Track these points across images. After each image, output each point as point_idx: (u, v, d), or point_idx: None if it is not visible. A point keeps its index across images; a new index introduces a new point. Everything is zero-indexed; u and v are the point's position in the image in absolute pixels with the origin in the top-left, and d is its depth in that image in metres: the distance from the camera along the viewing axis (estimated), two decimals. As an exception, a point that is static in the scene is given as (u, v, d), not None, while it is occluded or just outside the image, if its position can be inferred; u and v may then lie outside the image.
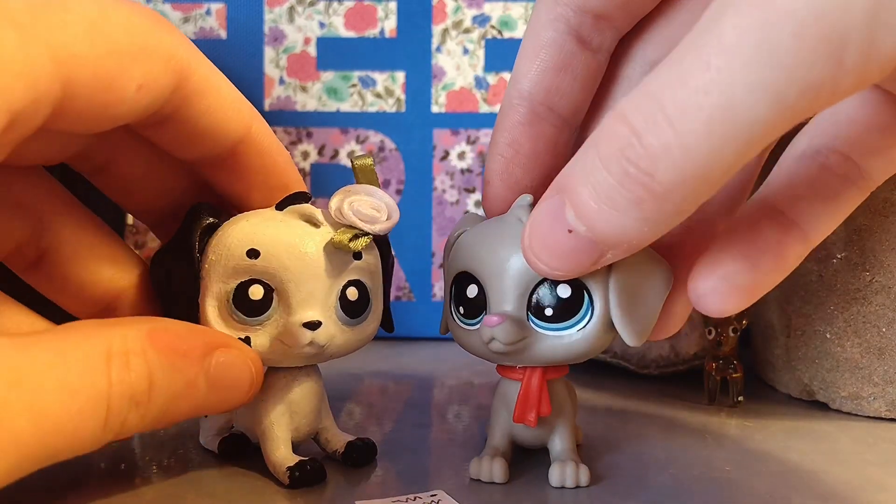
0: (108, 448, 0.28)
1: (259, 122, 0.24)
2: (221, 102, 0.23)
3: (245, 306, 0.23)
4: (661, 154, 0.16)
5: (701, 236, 0.24)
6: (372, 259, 0.25)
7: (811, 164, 0.22)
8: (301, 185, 0.26)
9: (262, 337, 0.23)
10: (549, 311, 0.23)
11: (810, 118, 0.22)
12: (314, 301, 0.23)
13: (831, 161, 0.21)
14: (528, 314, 0.23)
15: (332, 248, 0.23)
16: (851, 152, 0.21)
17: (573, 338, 0.23)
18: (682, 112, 0.16)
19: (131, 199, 0.26)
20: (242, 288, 0.23)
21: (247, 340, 0.23)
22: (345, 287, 0.24)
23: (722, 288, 0.21)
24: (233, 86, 0.23)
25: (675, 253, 0.23)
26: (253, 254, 0.23)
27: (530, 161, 0.25)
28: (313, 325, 0.23)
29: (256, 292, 0.23)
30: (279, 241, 0.23)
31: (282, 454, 0.24)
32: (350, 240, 0.23)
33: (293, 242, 0.23)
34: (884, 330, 0.32)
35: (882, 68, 0.15)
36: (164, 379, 0.20)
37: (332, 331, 0.24)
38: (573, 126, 0.25)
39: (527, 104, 0.24)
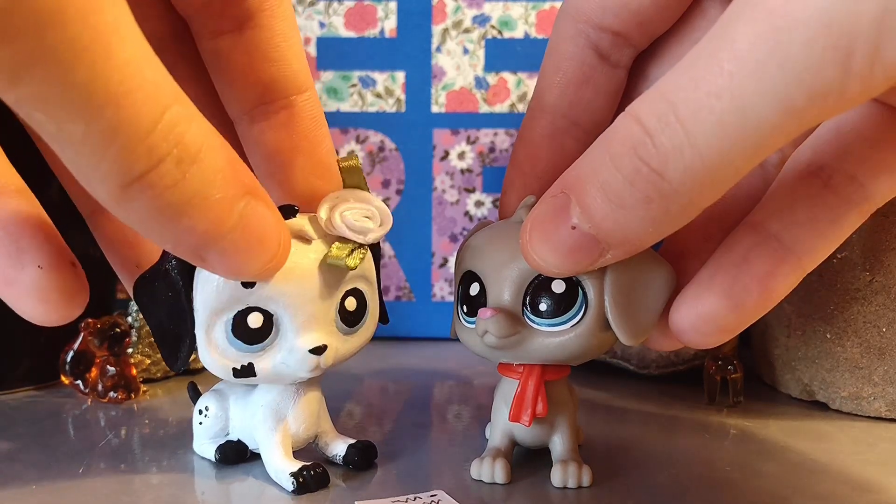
0: (108, 448, 0.28)
1: (316, 95, 0.24)
2: (292, 39, 0.23)
3: (245, 335, 0.22)
4: (672, 154, 0.17)
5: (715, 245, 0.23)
6: (366, 264, 0.25)
7: (812, 183, 0.21)
8: (336, 174, 0.25)
9: (264, 361, 0.23)
10: (543, 307, 0.23)
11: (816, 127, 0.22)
12: (316, 323, 0.23)
13: (835, 181, 0.21)
14: (523, 309, 0.23)
15: (328, 265, 0.23)
16: (857, 171, 0.21)
17: (567, 335, 0.23)
18: (694, 114, 0.16)
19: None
20: (241, 316, 0.22)
21: (250, 367, 0.23)
22: (343, 298, 0.24)
23: (702, 327, 0.21)
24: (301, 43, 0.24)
25: (689, 261, 0.23)
26: (247, 284, 0.22)
27: (549, 175, 0.24)
28: (319, 350, 0.23)
29: (255, 320, 0.22)
30: None
31: (283, 460, 0.24)
32: (347, 255, 0.23)
33: (288, 267, 0.22)
34: (884, 330, 0.32)
35: (888, 76, 0.15)
36: (211, 168, 0.18)
37: (336, 346, 0.24)
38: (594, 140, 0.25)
39: (549, 117, 0.24)
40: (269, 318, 0.22)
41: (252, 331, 0.22)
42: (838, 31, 0.15)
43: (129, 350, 0.35)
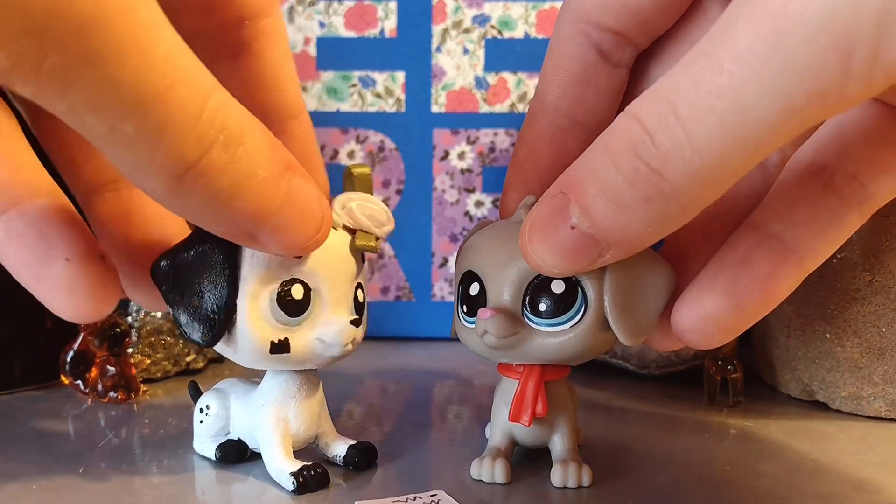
0: (108, 448, 0.28)
1: (308, 118, 0.25)
2: (286, 66, 0.23)
3: (288, 306, 0.23)
4: (671, 154, 0.17)
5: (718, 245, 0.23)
6: (366, 264, 0.26)
7: (813, 183, 0.21)
8: (326, 190, 0.25)
9: (299, 338, 0.23)
10: (542, 307, 0.23)
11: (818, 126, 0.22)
12: (345, 301, 0.24)
13: (836, 181, 0.21)
14: (523, 309, 0.23)
15: (352, 251, 0.24)
16: (859, 171, 0.21)
17: (566, 335, 0.23)
18: (694, 114, 0.16)
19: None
20: (286, 287, 0.23)
21: (286, 342, 0.23)
22: (356, 288, 0.25)
23: (703, 328, 0.21)
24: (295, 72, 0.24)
25: (689, 261, 0.23)
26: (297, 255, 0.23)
27: (550, 174, 0.24)
28: (357, 322, 0.24)
29: (298, 292, 0.23)
30: None
31: (284, 460, 0.24)
32: (371, 242, 0.24)
33: (328, 244, 0.22)
34: (884, 330, 0.32)
35: (888, 75, 0.15)
36: (255, 149, 0.18)
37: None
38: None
39: (550, 116, 0.24)
40: (307, 292, 0.23)
41: (295, 302, 0.23)
42: (839, 30, 0.15)
43: (129, 350, 0.35)
